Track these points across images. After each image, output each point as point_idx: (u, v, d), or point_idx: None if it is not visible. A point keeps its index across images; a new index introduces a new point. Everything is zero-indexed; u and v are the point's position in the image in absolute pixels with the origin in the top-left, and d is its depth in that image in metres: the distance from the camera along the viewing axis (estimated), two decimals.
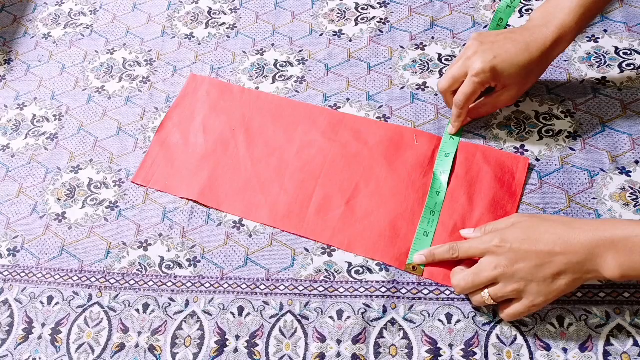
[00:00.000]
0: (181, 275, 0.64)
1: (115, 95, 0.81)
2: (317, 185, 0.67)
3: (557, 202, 0.63)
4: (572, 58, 0.73)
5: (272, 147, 0.71)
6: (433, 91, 0.73)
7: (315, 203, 0.66)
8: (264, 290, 0.62)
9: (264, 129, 0.72)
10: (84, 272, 0.66)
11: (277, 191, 0.67)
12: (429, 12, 0.81)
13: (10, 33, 0.91)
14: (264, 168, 0.69)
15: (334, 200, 0.66)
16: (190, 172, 0.70)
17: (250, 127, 0.73)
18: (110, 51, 0.86)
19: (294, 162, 0.69)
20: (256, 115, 0.74)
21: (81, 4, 0.93)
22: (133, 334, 0.61)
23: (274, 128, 0.72)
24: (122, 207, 0.70)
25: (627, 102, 0.68)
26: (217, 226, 0.67)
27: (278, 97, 0.75)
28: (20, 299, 0.65)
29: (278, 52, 0.81)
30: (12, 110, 0.82)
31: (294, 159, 0.69)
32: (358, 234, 0.63)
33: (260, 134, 0.72)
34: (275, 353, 0.58)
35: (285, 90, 0.76)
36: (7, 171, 0.76)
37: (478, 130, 0.69)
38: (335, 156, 0.69)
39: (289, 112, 0.73)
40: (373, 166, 0.67)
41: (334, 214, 0.65)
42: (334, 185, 0.67)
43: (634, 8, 0.76)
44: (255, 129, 0.73)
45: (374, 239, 0.63)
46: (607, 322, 0.55)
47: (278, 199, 0.67)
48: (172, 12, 0.89)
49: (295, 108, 0.74)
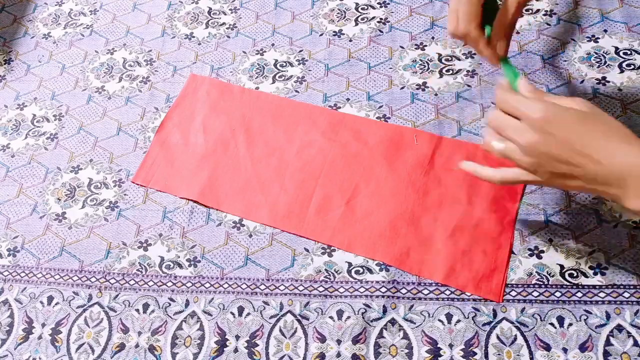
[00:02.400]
0: (181, 275, 0.64)
1: (115, 95, 0.81)
2: (317, 185, 0.67)
3: (557, 202, 0.63)
4: (572, 58, 0.73)
5: (272, 147, 0.71)
6: (433, 91, 0.73)
7: (315, 203, 0.66)
8: (264, 290, 0.62)
9: (264, 129, 0.72)
10: (84, 272, 0.66)
11: (277, 191, 0.67)
12: (429, 12, 0.81)
13: (10, 33, 0.91)
14: (264, 168, 0.69)
15: (334, 200, 0.66)
16: (190, 172, 0.70)
17: (250, 127, 0.73)
18: (110, 51, 0.86)
19: (294, 162, 0.69)
20: (256, 115, 0.74)
21: (81, 4, 0.93)
22: (133, 334, 0.61)
23: (274, 128, 0.72)
24: (122, 207, 0.70)
25: (627, 102, 0.68)
26: (217, 226, 0.67)
27: (278, 97, 0.75)
28: (20, 299, 0.65)
29: (278, 52, 0.81)
30: (12, 110, 0.82)
31: (294, 159, 0.69)
32: (358, 234, 0.63)
33: (260, 134, 0.72)
34: (275, 353, 0.58)
35: (285, 90, 0.76)
36: (7, 171, 0.76)
37: (478, 129, 0.69)
38: (335, 156, 0.69)
39: (289, 112, 0.73)
40: (373, 166, 0.67)
41: (334, 214, 0.65)
42: (334, 185, 0.67)
43: (634, 8, 0.76)
44: (255, 128, 0.73)
45: (374, 239, 0.63)
46: (607, 322, 0.55)
47: (278, 199, 0.67)
48: (172, 12, 0.89)
49: (295, 108, 0.74)
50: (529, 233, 0.61)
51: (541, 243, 0.60)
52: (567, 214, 0.62)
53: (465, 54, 0.76)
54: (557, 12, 0.78)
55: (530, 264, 0.59)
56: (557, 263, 0.59)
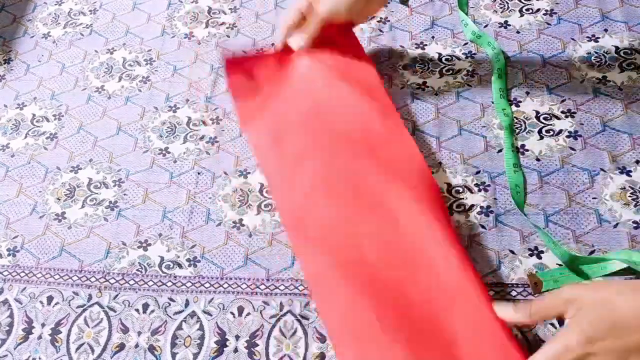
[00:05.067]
0: (181, 275, 0.64)
1: (114, 94, 0.81)
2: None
3: (557, 202, 0.63)
4: (572, 58, 0.73)
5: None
6: (433, 91, 0.73)
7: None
8: (264, 290, 0.62)
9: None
10: (84, 272, 0.66)
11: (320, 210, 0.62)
12: (429, 11, 0.81)
13: (10, 32, 0.91)
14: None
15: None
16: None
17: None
18: (109, 51, 0.86)
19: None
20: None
21: (81, 4, 0.93)
22: (133, 334, 0.61)
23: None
24: (121, 207, 0.70)
25: (627, 102, 0.68)
26: (217, 226, 0.67)
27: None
28: (20, 299, 0.65)
29: None
30: (12, 109, 0.82)
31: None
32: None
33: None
34: (275, 353, 0.58)
35: None
36: (6, 171, 0.76)
37: (478, 129, 0.69)
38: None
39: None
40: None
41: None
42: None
43: (634, 7, 0.76)
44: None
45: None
46: None
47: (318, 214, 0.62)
48: (172, 11, 0.89)
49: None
50: (529, 233, 0.61)
51: (541, 243, 0.60)
52: (567, 214, 0.62)
53: (466, 53, 0.76)
54: (557, 11, 0.78)
55: (530, 264, 0.59)
56: (557, 263, 0.59)
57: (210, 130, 0.75)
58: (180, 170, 0.72)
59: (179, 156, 0.73)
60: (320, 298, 0.58)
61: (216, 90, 0.78)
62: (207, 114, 0.76)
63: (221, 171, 0.71)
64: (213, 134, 0.74)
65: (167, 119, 0.77)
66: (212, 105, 0.77)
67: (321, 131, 0.66)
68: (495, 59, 0.73)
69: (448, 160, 0.68)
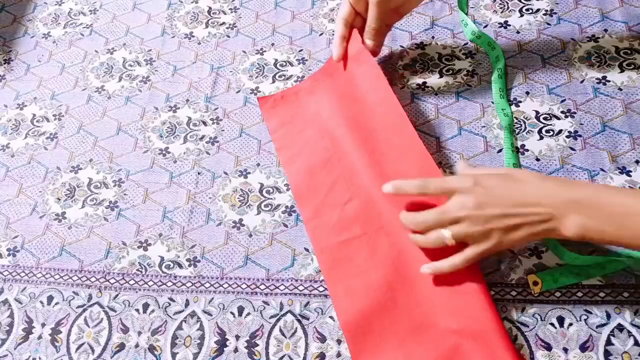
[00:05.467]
0: (181, 275, 0.64)
1: (115, 94, 0.81)
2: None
3: None
4: (572, 58, 0.73)
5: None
6: (433, 91, 0.73)
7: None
8: (264, 290, 0.62)
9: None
10: (84, 272, 0.66)
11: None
12: (429, 11, 0.81)
13: (10, 33, 0.91)
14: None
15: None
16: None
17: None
18: (110, 51, 0.86)
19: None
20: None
21: (81, 4, 0.93)
22: (133, 333, 0.61)
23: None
24: (121, 207, 0.70)
25: (627, 102, 0.68)
26: (217, 226, 0.67)
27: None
28: (20, 298, 0.65)
29: (278, 52, 0.81)
30: (12, 109, 0.82)
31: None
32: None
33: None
34: (275, 353, 0.58)
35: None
36: (6, 171, 0.76)
37: (478, 129, 0.69)
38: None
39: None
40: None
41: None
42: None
43: (634, 8, 0.76)
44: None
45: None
46: (607, 322, 0.55)
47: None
48: (172, 11, 0.89)
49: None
50: None
51: (541, 243, 0.60)
52: None
53: (466, 53, 0.76)
54: (557, 11, 0.78)
55: (530, 264, 0.59)
56: (557, 263, 0.59)
57: (210, 130, 0.75)
58: (181, 170, 0.72)
59: (179, 156, 0.73)
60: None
61: (216, 90, 0.78)
62: (208, 113, 0.76)
63: (221, 171, 0.71)
64: (213, 134, 0.74)
65: (167, 119, 0.77)
66: (212, 105, 0.77)
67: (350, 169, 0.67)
68: (495, 59, 0.73)
69: (448, 160, 0.68)
